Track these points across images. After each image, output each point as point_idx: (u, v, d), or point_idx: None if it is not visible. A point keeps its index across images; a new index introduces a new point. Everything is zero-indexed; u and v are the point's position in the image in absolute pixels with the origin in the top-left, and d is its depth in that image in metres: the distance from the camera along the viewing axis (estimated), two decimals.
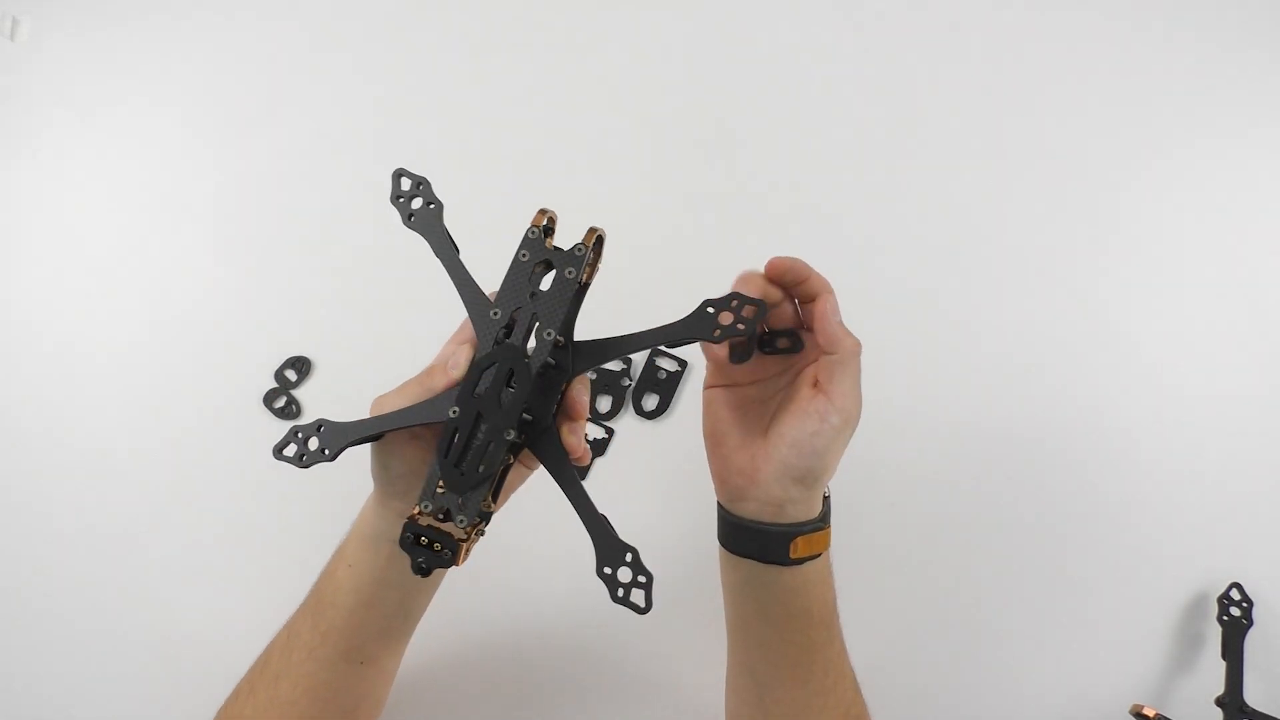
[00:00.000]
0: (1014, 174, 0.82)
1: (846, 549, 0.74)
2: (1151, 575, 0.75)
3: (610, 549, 0.45)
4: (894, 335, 0.78)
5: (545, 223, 0.49)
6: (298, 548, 0.73)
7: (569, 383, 0.48)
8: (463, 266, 0.51)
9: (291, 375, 0.75)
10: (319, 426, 0.49)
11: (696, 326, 0.46)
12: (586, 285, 0.49)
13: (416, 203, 0.53)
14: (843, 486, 0.58)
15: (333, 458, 0.48)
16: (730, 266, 0.78)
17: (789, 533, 0.50)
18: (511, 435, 0.45)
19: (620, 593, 0.43)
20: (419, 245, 0.77)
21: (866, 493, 0.75)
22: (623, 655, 0.73)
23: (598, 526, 0.45)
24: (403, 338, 0.77)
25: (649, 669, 0.73)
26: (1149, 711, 0.69)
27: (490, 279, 0.50)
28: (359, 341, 0.77)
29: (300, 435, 0.49)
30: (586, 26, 0.83)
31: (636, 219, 0.79)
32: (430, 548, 0.45)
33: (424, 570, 0.45)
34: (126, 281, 0.77)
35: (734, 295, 0.45)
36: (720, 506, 0.54)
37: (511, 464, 0.47)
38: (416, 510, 0.46)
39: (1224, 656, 0.71)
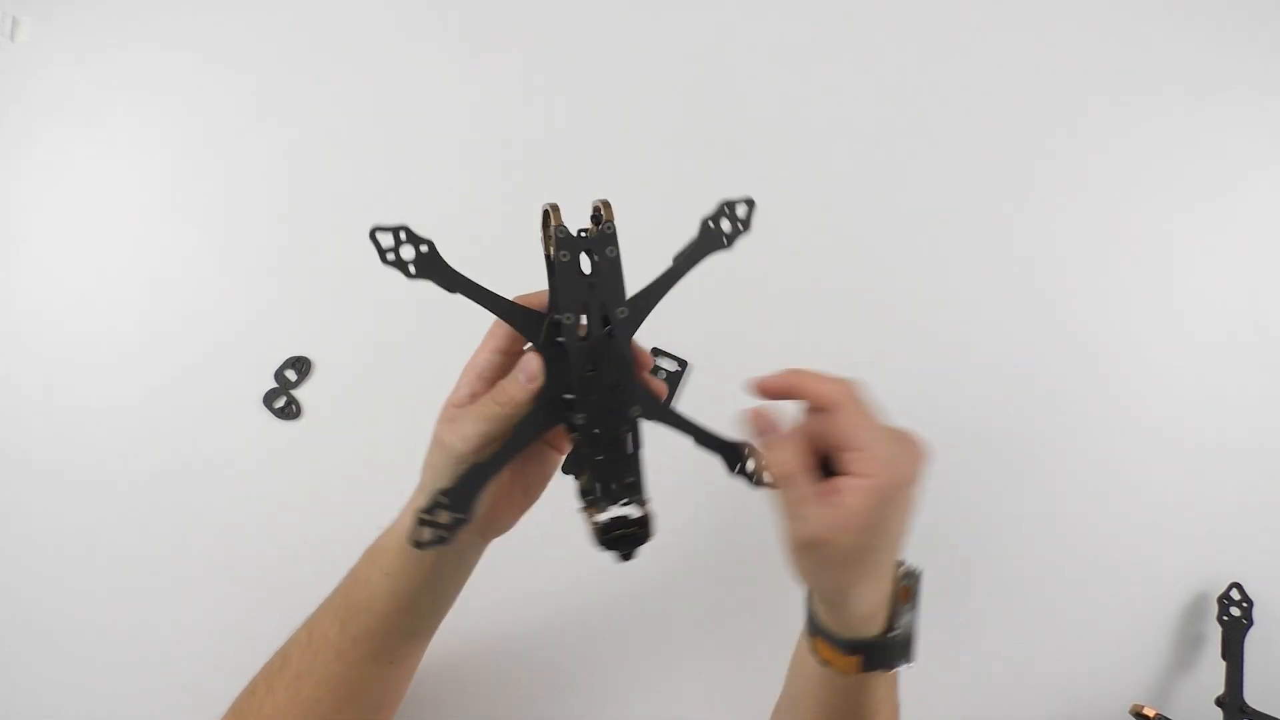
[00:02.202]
0: (1015, 175, 0.82)
1: None
2: (1151, 575, 0.75)
3: (732, 450, 0.52)
4: (895, 335, 0.78)
5: (560, 217, 0.51)
6: (297, 546, 0.73)
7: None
8: (481, 287, 0.51)
9: (291, 375, 0.75)
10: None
11: (706, 242, 0.54)
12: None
13: (407, 251, 0.51)
14: None
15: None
16: (729, 266, 0.78)
17: (811, 630, 0.52)
18: (637, 411, 0.51)
19: (755, 478, 0.52)
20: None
21: None
22: (618, 652, 0.73)
23: (711, 439, 0.53)
24: (403, 337, 0.77)
25: (647, 666, 0.73)
26: (1149, 711, 0.69)
27: (494, 266, 0.51)
28: (359, 341, 0.77)
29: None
30: (585, 25, 0.83)
31: (636, 217, 0.79)
32: (622, 535, 0.51)
33: (628, 557, 0.52)
34: (126, 281, 0.77)
35: (724, 202, 0.54)
36: None
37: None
38: (597, 512, 0.51)
39: (1224, 656, 0.71)
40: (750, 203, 0.55)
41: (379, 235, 0.50)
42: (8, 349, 0.75)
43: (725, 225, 0.55)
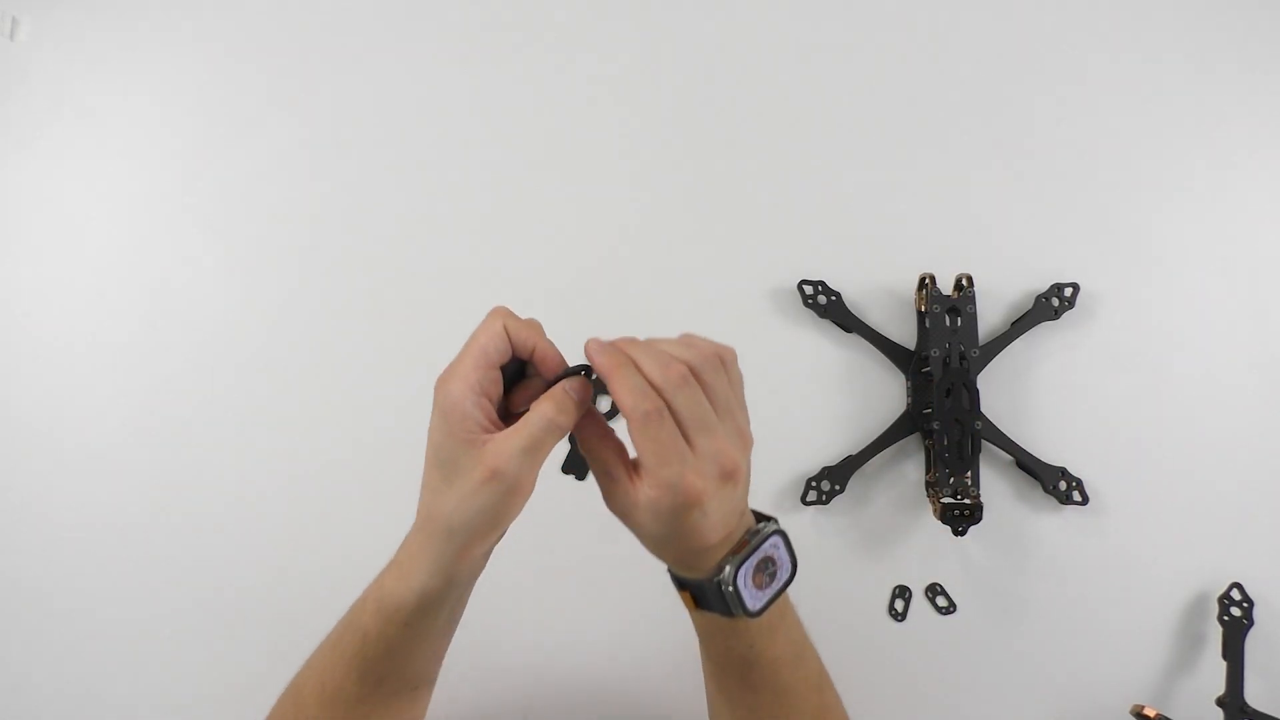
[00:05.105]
0: (1015, 175, 0.82)
1: (848, 543, 0.75)
2: (1152, 575, 0.75)
3: (1047, 471, 0.73)
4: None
5: (933, 283, 0.73)
6: (297, 547, 0.73)
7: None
8: (870, 328, 0.74)
9: None
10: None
11: (1038, 314, 0.74)
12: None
13: (822, 300, 0.74)
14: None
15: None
16: (726, 265, 0.79)
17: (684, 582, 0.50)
18: (979, 426, 0.69)
19: (1066, 497, 0.73)
20: (419, 247, 0.78)
21: (869, 484, 0.75)
22: (611, 661, 0.73)
23: (1029, 460, 0.72)
24: (403, 338, 0.77)
25: (647, 674, 0.73)
26: (1150, 711, 0.69)
27: (494, 266, 0.50)
28: (359, 341, 0.77)
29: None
30: (587, 23, 0.83)
31: (634, 218, 0.79)
32: (959, 514, 0.69)
33: (962, 532, 0.70)
34: (126, 282, 0.77)
35: (1055, 285, 0.75)
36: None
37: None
38: (942, 496, 0.69)
39: (1224, 656, 0.71)
40: (1076, 287, 0.75)
41: (804, 285, 0.74)
42: (6, 348, 0.75)
43: (1054, 302, 0.74)
